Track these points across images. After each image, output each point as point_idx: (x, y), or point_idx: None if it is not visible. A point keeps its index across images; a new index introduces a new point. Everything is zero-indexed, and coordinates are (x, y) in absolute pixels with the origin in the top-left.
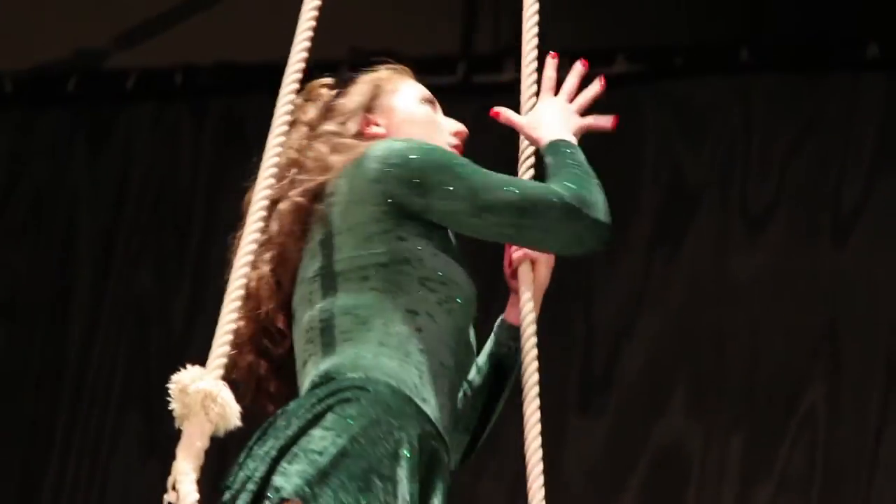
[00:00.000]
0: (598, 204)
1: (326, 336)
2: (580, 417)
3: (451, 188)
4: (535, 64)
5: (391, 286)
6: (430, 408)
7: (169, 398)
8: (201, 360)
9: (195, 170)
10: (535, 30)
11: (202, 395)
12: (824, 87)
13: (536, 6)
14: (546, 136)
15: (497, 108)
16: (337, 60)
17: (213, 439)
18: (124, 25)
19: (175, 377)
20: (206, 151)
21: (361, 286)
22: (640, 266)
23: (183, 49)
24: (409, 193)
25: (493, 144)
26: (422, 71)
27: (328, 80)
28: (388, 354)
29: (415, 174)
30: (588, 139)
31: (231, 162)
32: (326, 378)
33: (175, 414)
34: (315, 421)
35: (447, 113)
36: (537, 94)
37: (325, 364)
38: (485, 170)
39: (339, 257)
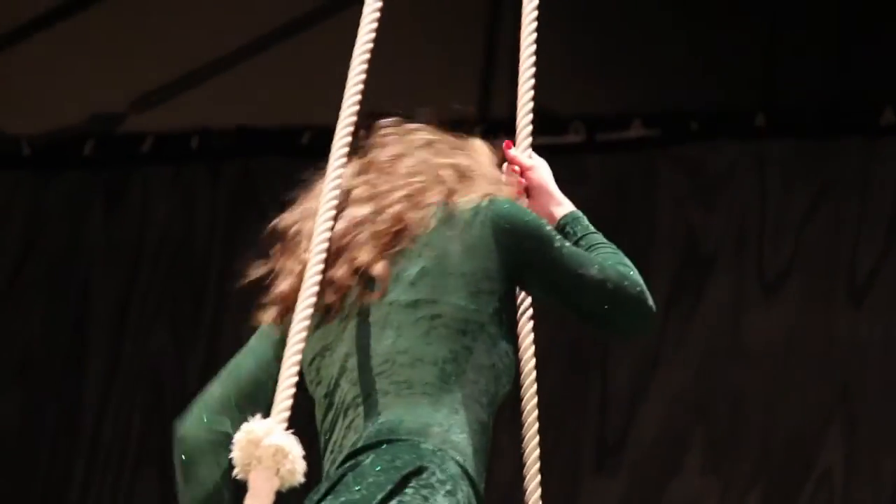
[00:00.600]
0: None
1: (405, 379)
2: (595, 478)
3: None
4: (530, 116)
5: (481, 351)
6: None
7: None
8: None
9: (210, 231)
10: (531, 72)
11: (274, 449)
12: (839, 153)
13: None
14: (563, 201)
15: (511, 147)
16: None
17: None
18: (140, 89)
19: (246, 427)
20: (221, 213)
21: (457, 340)
22: (655, 327)
23: (199, 112)
24: (524, 257)
25: None
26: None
27: None
28: (460, 428)
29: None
30: (605, 200)
31: (246, 223)
32: (393, 434)
33: (237, 463)
34: (392, 496)
35: None
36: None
37: (393, 415)
38: None
39: (446, 300)
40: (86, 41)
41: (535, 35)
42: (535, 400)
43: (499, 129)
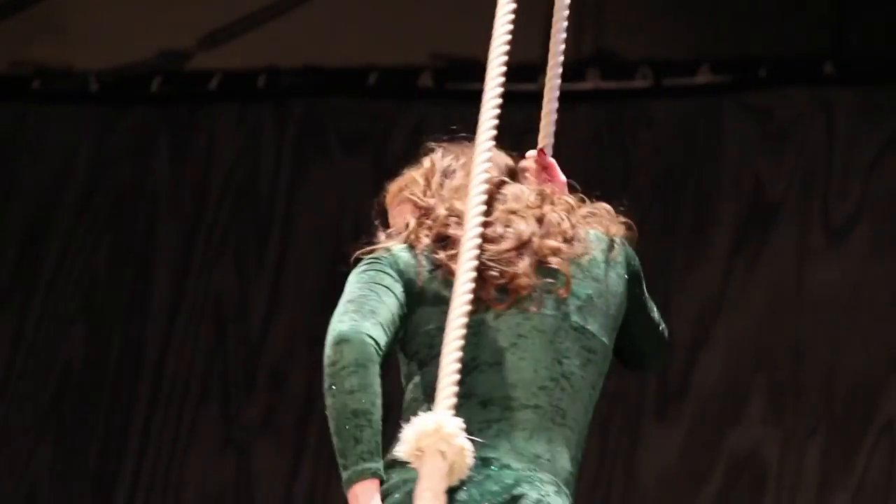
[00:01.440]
0: None
1: (563, 407)
2: (656, 425)
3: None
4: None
5: (600, 395)
6: None
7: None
8: (278, 359)
9: (276, 169)
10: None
11: (448, 440)
12: None
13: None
14: None
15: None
16: (418, 66)
17: None
18: (208, 27)
19: (421, 419)
20: (286, 151)
21: (598, 381)
22: (718, 275)
23: (266, 51)
24: (633, 301)
25: (577, 147)
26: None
27: None
28: (575, 479)
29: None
30: (671, 146)
31: (311, 163)
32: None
33: (408, 451)
34: None
35: (533, 122)
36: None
37: (542, 445)
38: None
39: (599, 337)
40: None
41: None
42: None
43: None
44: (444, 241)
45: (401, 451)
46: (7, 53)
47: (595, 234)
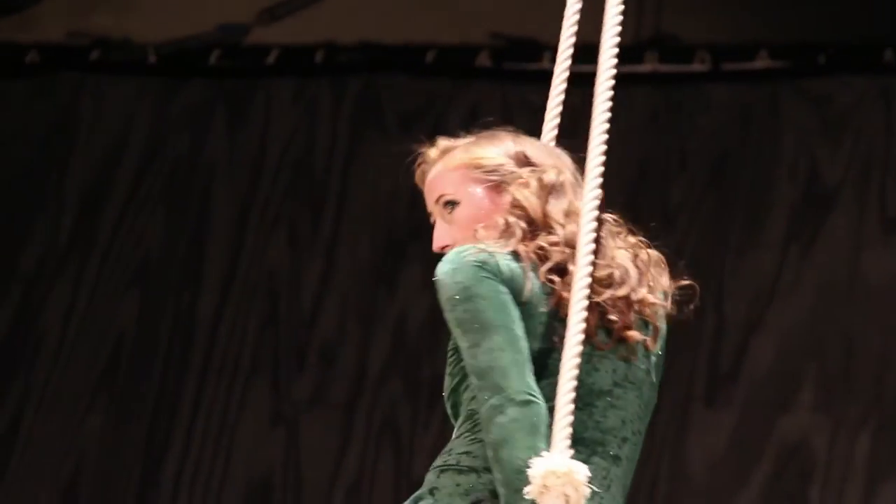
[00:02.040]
0: None
1: (630, 458)
2: (706, 410)
3: None
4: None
5: None
6: None
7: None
8: (329, 335)
9: (332, 145)
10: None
11: (568, 479)
12: None
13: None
14: None
15: None
16: (476, 45)
17: None
18: (268, 2)
19: (544, 460)
20: (342, 128)
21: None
22: (772, 262)
23: (325, 27)
24: None
25: (634, 129)
26: None
27: None
28: None
29: None
30: (728, 131)
31: (367, 139)
32: None
33: (532, 490)
34: None
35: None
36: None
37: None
38: None
39: (652, 405)
40: None
41: None
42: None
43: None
44: (555, 267)
45: (527, 485)
46: (66, 23)
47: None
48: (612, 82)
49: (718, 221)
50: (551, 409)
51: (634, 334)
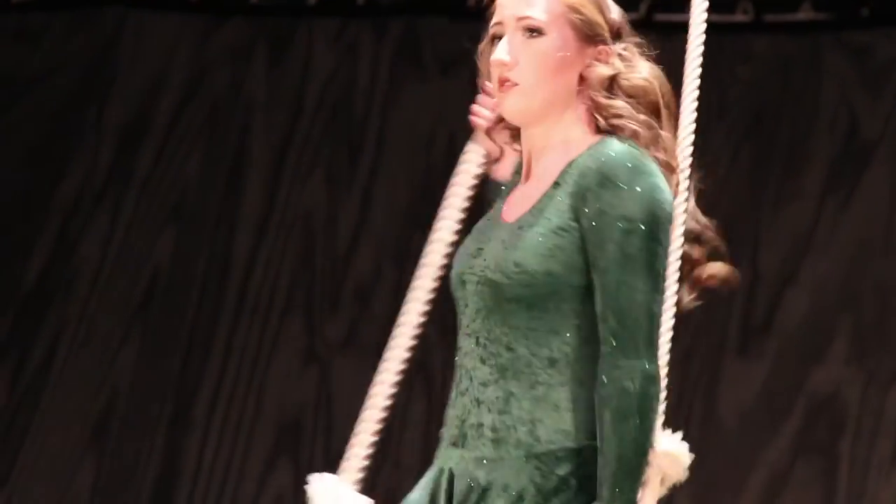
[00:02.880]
0: None
1: None
2: (738, 360)
3: None
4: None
5: None
6: None
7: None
8: (364, 277)
9: (371, 87)
10: None
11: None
12: None
13: None
14: None
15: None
16: None
17: None
18: None
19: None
20: (383, 70)
21: None
22: (809, 213)
23: None
24: None
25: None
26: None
27: None
28: None
29: None
30: (768, 82)
31: (407, 82)
32: None
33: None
34: None
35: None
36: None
37: None
38: None
39: None
40: None
41: None
42: None
43: (664, 6)
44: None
45: (645, 469)
46: None
47: None
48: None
49: (755, 172)
50: None
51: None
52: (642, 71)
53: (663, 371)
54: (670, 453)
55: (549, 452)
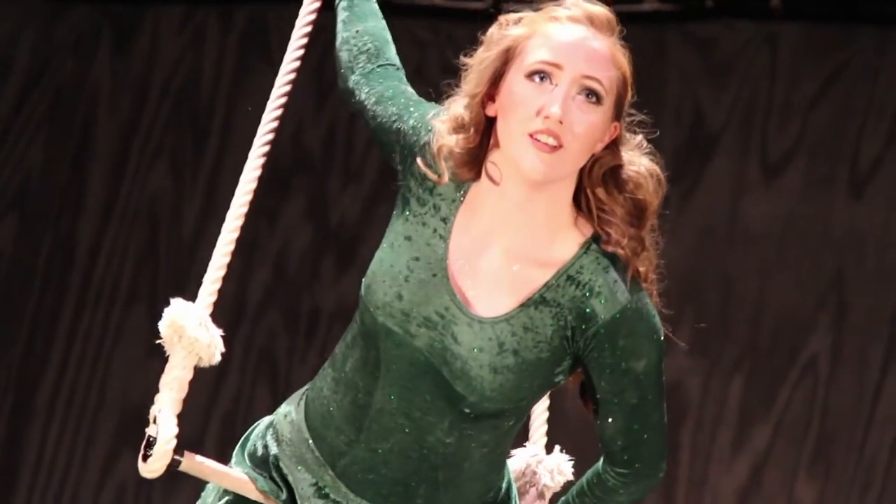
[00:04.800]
0: None
1: None
2: None
3: None
4: None
5: None
6: None
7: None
8: (209, 265)
9: (217, 75)
10: None
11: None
12: (852, 40)
13: None
14: None
15: None
16: None
17: None
18: None
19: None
20: (229, 57)
21: None
22: None
23: None
24: None
25: None
26: None
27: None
28: None
29: None
30: None
31: (253, 69)
32: None
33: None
34: None
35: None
36: None
37: None
38: None
39: None
40: None
41: None
42: None
43: None
44: None
45: None
46: None
47: None
48: None
49: None
50: None
51: None
52: (642, 165)
53: None
54: (555, 467)
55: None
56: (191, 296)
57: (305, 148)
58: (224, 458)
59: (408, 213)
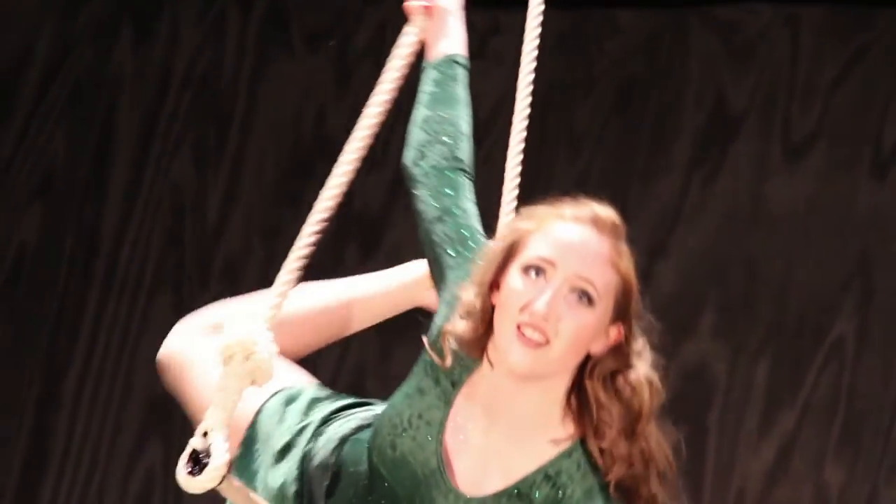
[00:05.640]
0: None
1: None
2: None
3: None
4: None
5: None
6: None
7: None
8: (233, 252)
9: (239, 62)
10: None
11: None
12: (874, 21)
13: None
14: (455, 37)
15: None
16: None
17: None
18: None
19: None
20: (250, 45)
21: None
22: (676, 187)
23: None
24: None
25: (540, 52)
26: None
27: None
28: None
29: None
30: (634, 56)
31: (274, 56)
32: None
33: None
34: None
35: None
36: None
37: None
38: None
39: None
40: None
41: None
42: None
43: None
44: None
45: None
46: None
47: None
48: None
49: (623, 147)
50: None
51: None
52: (639, 372)
53: None
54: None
55: None
56: (216, 284)
57: (328, 133)
58: None
59: (429, 360)
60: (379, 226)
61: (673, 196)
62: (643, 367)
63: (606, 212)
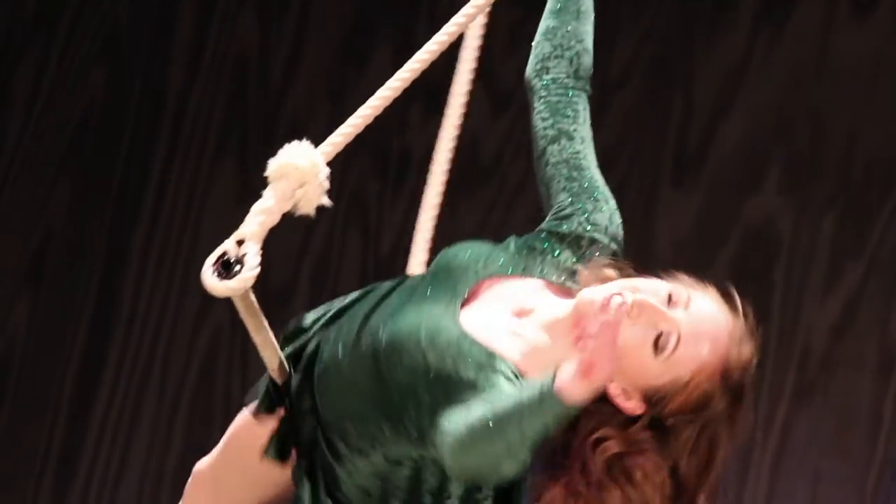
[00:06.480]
0: None
1: None
2: (673, 191)
3: None
4: None
5: None
6: None
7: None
8: (298, 110)
9: None
10: None
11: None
12: None
13: None
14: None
15: None
16: None
17: None
18: None
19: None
20: None
21: None
22: (742, 43)
23: None
24: None
25: None
26: None
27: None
28: None
29: None
30: None
31: None
32: None
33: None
34: None
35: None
36: None
37: None
38: None
39: None
40: None
41: None
42: None
43: None
44: None
45: None
46: None
47: None
48: None
49: (687, 5)
50: None
51: None
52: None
53: None
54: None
55: None
56: (279, 145)
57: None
58: (316, 305)
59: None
60: (442, 86)
61: (738, 53)
62: (647, 461)
63: (749, 324)
